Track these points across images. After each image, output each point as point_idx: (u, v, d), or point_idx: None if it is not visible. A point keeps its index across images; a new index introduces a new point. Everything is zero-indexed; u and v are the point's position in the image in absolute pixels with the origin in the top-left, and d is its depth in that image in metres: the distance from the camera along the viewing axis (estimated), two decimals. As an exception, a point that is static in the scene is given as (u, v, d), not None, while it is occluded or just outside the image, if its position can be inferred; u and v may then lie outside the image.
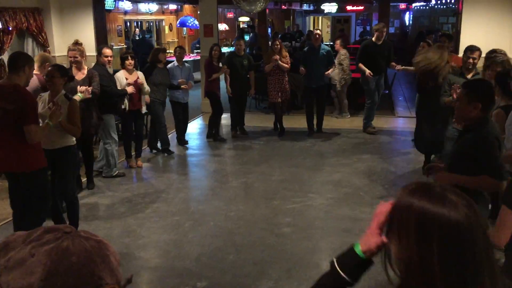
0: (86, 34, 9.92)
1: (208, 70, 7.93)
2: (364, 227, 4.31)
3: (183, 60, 7.88)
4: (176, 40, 18.06)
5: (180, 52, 7.76)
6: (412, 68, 7.88)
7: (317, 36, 8.17)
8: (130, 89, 6.40)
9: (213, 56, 7.89)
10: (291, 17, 23.49)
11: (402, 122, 9.39)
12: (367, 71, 8.04)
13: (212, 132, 8.30)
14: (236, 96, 8.22)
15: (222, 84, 8.46)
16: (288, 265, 4.14)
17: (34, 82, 5.09)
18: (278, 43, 8.30)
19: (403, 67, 8.12)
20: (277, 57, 8.03)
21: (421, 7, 20.17)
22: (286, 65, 8.18)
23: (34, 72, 5.17)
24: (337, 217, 5.13)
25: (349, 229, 4.82)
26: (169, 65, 7.65)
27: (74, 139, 4.54)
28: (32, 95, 4.04)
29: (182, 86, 7.44)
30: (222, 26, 18.09)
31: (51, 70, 4.42)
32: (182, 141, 7.97)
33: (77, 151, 5.13)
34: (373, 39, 8.25)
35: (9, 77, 3.84)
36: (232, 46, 19.36)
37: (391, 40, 8.48)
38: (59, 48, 9.95)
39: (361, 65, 8.16)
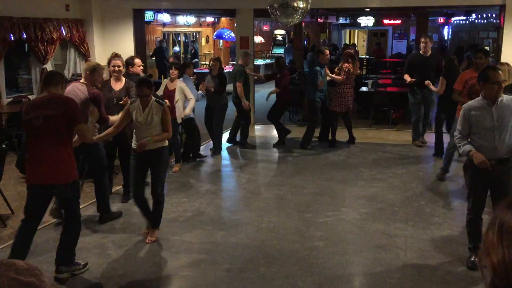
0: (126, 45, 10.19)
1: None
2: (399, 244, 4.20)
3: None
4: (212, 52, 18.31)
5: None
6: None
7: (328, 54, 8.56)
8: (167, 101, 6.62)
9: None
10: (327, 30, 23.44)
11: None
12: (409, 79, 7.81)
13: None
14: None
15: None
16: (319, 279, 4.09)
17: (82, 92, 5.08)
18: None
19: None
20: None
21: (461, 22, 19.79)
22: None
23: (81, 81, 5.29)
24: (370, 233, 5.04)
25: (382, 245, 4.72)
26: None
27: (166, 140, 4.79)
28: (72, 99, 4.15)
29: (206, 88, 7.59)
30: (258, 39, 18.24)
31: (142, 90, 4.60)
32: (186, 156, 7.73)
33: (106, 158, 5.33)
34: (420, 51, 8.09)
35: (48, 91, 3.97)
36: (267, 58, 19.50)
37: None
38: (100, 59, 10.22)
39: (405, 75, 7.98)
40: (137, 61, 6.74)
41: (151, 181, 4.81)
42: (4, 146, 5.41)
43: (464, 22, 19.54)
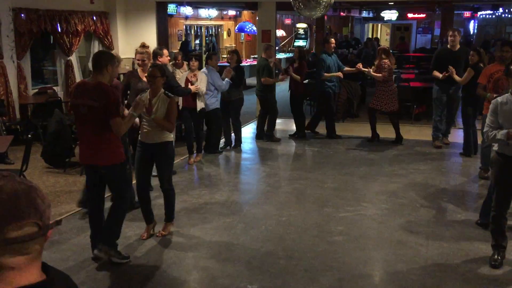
0: (149, 37, 10.26)
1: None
2: (420, 241, 4.17)
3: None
4: (234, 45, 18.32)
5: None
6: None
7: (333, 43, 8.74)
8: (193, 88, 6.70)
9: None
10: (350, 24, 23.23)
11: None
12: (441, 75, 7.43)
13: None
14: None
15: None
16: (339, 275, 4.08)
17: None
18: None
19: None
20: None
21: (487, 16, 19.40)
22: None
23: None
24: (391, 228, 5.00)
25: (403, 241, 4.68)
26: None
27: (172, 135, 4.78)
28: (115, 91, 4.12)
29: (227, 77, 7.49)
30: (280, 32, 18.18)
31: (153, 70, 4.61)
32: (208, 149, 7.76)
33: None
34: (448, 46, 7.84)
35: (94, 76, 3.99)
36: (288, 52, 19.43)
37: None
38: (123, 51, 10.32)
39: (435, 72, 7.68)
40: (165, 51, 6.75)
41: (158, 176, 4.81)
42: (30, 136, 5.52)
43: (490, 16, 19.14)
